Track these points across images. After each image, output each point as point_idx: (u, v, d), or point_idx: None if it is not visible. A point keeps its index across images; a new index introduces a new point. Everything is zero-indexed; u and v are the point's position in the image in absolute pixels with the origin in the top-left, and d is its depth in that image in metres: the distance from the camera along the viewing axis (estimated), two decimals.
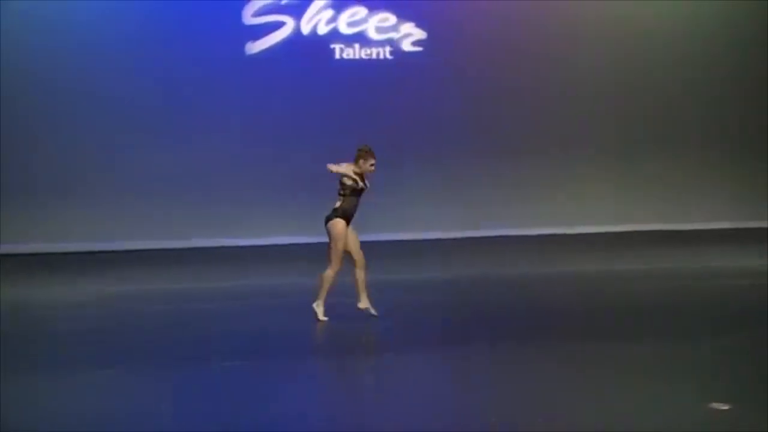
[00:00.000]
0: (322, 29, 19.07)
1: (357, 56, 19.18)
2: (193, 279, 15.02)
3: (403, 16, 19.27)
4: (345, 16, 19.16)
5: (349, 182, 10.71)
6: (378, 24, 19.25)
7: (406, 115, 19.16)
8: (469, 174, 19.31)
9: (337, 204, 10.74)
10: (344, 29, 19.17)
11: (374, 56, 19.24)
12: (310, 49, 18.94)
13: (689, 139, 20.37)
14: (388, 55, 19.29)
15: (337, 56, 19.13)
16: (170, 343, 10.18)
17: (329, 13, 19.09)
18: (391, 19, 19.27)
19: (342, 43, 19.14)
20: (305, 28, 18.98)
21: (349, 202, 10.76)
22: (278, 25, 18.86)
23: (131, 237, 18.25)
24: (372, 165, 10.88)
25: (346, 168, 10.78)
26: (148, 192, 18.33)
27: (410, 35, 19.36)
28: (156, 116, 18.43)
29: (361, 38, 19.18)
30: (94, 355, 9.65)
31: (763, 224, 19.85)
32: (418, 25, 19.32)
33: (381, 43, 19.27)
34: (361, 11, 19.19)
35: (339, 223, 10.68)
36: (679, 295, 12.64)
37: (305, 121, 18.88)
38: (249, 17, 18.77)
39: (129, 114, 18.27)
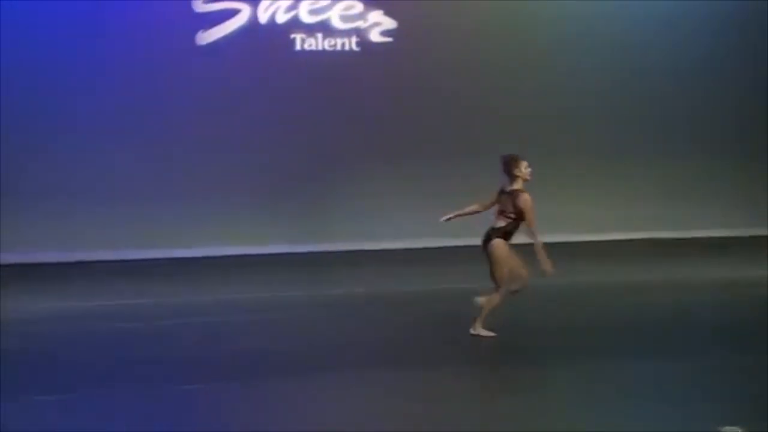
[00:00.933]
0: (281, 17, 17.44)
1: (320, 47, 17.57)
2: (158, 292, 13.72)
3: (371, 3, 17.67)
4: (306, 3, 17.54)
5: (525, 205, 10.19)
6: (343, 12, 17.65)
7: (374, 112, 17.60)
8: (442, 176, 17.64)
9: (501, 224, 10.16)
10: (306, 17, 17.54)
11: (339, 47, 17.63)
12: (268, 40, 17.32)
13: (686, 143, 18.79)
14: (354, 46, 17.67)
15: (298, 47, 17.52)
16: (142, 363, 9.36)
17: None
18: (358, 6, 17.67)
19: (303, 32, 17.52)
20: (262, 16, 17.36)
21: (514, 225, 10.19)
22: (232, 13, 17.24)
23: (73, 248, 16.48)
24: (528, 167, 10.42)
25: (532, 210, 10.14)
26: (95, 196, 16.66)
27: (378, 24, 17.74)
28: (101, 114, 16.76)
29: (324, 27, 17.57)
30: (53, 377, 8.86)
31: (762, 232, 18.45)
32: (388, 13, 17.71)
33: (346, 33, 17.66)
34: None
35: (501, 246, 10.14)
36: (686, 307, 11.84)
37: (262, 117, 17.31)
38: (200, 4, 17.16)
39: (78, 115, 16.67)
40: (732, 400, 7.79)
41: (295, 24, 17.44)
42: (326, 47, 17.56)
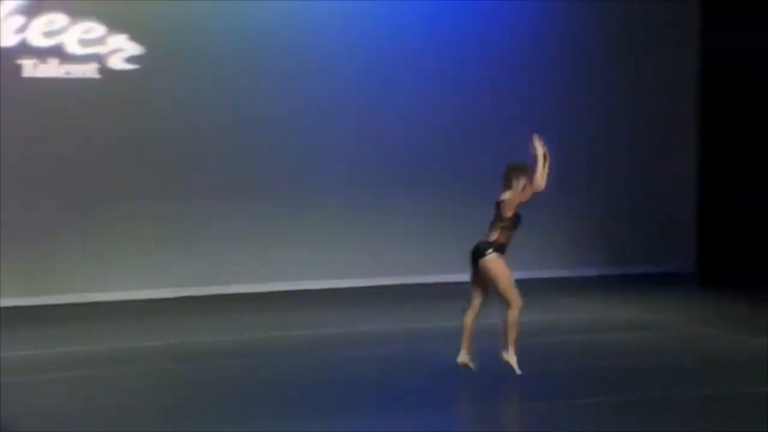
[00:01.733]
0: (8, 39, 15.42)
1: (54, 74, 15.65)
2: None
3: (114, 25, 15.80)
4: (39, 25, 15.55)
5: (510, 213, 9.87)
6: (82, 35, 15.75)
7: (116, 147, 15.81)
8: (195, 218, 16.10)
9: (493, 237, 9.90)
10: (37, 40, 15.57)
11: (77, 75, 15.74)
12: None
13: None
14: (94, 74, 15.77)
15: (27, 74, 15.54)
16: None
17: (18, 20, 15.46)
18: (99, 29, 15.78)
19: (34, 57, 15.56)
20: None
21: (507, 235, 9.95)
22: None
23: None
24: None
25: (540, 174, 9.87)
26: None
27: (122, 50, 15.90)
28: None
29: (58, 52, 15.62)
30: None
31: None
32: (134, 37, 15.88)
33: (85, 59, 15.75)
34: (60, 19, 15.62)
35: (497, 261, 9.88)
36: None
37: None
38: None
39: None
40: None
41: (24, 48, 15.48)
42: (61, 74, 15.67)
